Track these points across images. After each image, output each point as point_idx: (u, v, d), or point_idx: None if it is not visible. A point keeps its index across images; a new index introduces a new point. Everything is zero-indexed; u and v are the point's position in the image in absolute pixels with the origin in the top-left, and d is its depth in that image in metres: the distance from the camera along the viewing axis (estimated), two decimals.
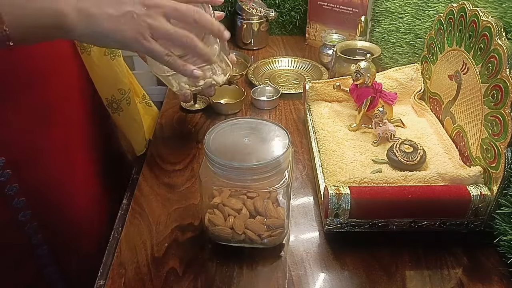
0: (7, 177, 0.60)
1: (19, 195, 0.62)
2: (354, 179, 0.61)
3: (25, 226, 0.64)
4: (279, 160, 0.53)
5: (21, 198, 0.62)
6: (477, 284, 0.56)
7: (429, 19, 0.87)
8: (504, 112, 0.56)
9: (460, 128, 0.69)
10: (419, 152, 0.66)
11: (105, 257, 0.61)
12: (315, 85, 0.86)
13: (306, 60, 1.13)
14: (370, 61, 0.76)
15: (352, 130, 0.78)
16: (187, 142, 0.83)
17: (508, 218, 0.56)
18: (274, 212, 0.57)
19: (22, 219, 0.63)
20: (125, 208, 0.69)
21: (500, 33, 0.57)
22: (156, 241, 0.62)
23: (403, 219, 0.60)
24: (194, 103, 0.95)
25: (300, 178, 0.74)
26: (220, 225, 0.58)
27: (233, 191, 0.58)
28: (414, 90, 0.85)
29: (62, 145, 0.67)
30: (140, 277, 0.56)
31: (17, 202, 0.62)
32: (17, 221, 0.63)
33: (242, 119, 0.61)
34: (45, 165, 0.64)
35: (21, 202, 0.62)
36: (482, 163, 0.62)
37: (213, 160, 0.53)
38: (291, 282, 0.56)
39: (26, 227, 0.64)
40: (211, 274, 0.57)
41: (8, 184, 0.60)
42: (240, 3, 1.19)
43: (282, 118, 0.91)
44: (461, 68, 0.68)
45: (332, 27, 1.18)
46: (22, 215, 0.63)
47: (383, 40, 1.05)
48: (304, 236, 0.63)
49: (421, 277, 0.57)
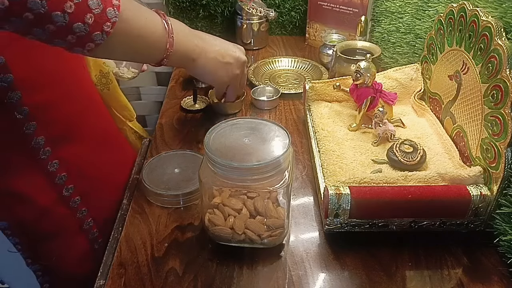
0: (48, 155, 0.65)
1: (60, 170, 0.67)
2: (354, 179, 0.61)
3: (70, 200, 0.70)
4: (279, 160, 0.53)
5: (63, 173, 0.67)
6: (477, 284, 0.56)
7: (429, 19, 0.87)
8: (504, 112, 0.56)
9: (460, 128, 0.69)
10: (419, 152, 0.66)
11: (105, 257, 0.61)
12: (315, 85, 0.86)
13: (306, 60, 1.13)
14: (370, 61, 0.76)
15: (352, 130, 0.78)
16: (187, 142, 0.83)
17: (508, 218, 0.56)
18: (274, 212, 0.57)
19: (66, 194, 0.69)
20: (125, 208, 0.69)
21: (500, 33, 0.57)
22: (156, 241, 0.62)
23: (403, 219, 0.60)
24: (194, 103, 0.95)
25: (300, 178, 0.74)
26: (220, 225, 0.58)
27: (233, 191, 0.58)
28: (414, 90, 0.85)
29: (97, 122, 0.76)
30: (140, 277, 0.56)
31: (60, 177, 0.67)
32: (62, 196, 0.68)
33: (242, 119, 0.61)
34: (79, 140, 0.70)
35: (63, 177, 0.67)
36: (482, 163, 0.62)
37: (213, 160, 0.53)
38: (291, 282, 0.56)
39: (70, 202, 0.70)
40: (211, 274, 0.57)
41: (49, 160, 0.65)
42: (240, 3, 1.19)
43: (282, 118, 0.91)
44: (461, 68, 0.68)
45: (332, 27, 1.18)
46: (66, 190, 0.68)
47: (383, 40, 1.05)
48: (304, 236, 0.63)
49: (421, 277, 0.57)
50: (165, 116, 0.92)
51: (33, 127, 0.62)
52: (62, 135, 0.67)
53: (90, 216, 0.73)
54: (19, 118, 0.60)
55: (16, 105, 0.59)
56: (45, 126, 0.63)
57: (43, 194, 0.66)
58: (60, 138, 0.66)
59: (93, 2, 0.48)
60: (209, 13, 1.27)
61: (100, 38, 0.50)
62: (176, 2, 1.25)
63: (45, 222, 0.68)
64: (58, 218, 0.69)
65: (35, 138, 0.62)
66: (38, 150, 0.63)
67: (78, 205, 0.71)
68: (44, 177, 0.66)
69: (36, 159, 0.64)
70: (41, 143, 0.63)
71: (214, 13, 1.27)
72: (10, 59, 0.56)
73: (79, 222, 0.72)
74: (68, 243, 0.73)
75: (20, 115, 0.60)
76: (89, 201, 0.73)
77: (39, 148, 0.63)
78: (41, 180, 0.66)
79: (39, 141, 0.63)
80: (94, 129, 0.75)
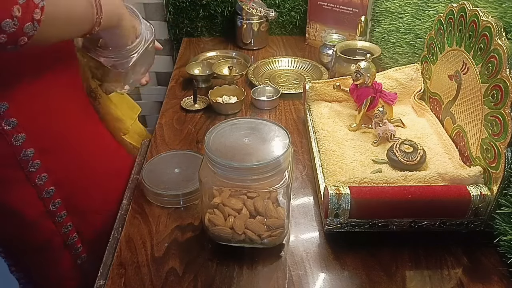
0: (37, 167, 0.63)
1: (48, 184, 0.65)
2: (354, 179, 0.61)
3: (56, 215, 0.68)
4: (279, 160, 0.53)
5: (51, 187, 0.65)
6: (477, 284, 0.56)
7: (429, 19, 0.87)
8: (504, 112, 0.56)
9: (460, 128, 0.69)
10: (419, 152, 0.66)
11: (105, 257, 0.61)
12: (315, 85, 0.86)
13: (306, 60, 1.13)
14: (370, 61, 0.76)
15: (352, 130, 0.78)
16: (187, 142, 0.83)
17: (508, 218, 0.56)
18: (274, 212, 0.57)
19: (52, 208, 0.67)
20: (125, 208, 0.69)
21: (500, 33, 0.57)
22: (156, 241, 0.62)
23: (403, 219, 0.60)
24: (194, 103, 0.95)
25: (300, 178, 0.74)
26: (220, 225, 0.58)
27: (233, 191, 0.58)
28: (414, 90, 0.85)
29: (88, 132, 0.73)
30: (140, 277, 0.56)
31: (47, 191, 0.65)
32: (49, 210, 0.67)
33: (242, 119, 0.61)
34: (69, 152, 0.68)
35: (50, 191, 0.65)
36: (482, 163, 0.62)
37: (213, 160, 0.53)
38: (291, 282, 0.56)
39: (56, 216, 0.68)
40: (211, 274, 0.57)
41: (38, 174, 0.63)
42: (240, 3, 1.19)
43: (282, 118, 0.91)
44: (461, 68, 0.68)
45: (332, 27, 1.18)
46: (52, 204, 0.66)
47: (383, 40, 1.05)
48: (304, 236, 0.63)
49: (421, 277, 0.57)
50: (165, 116, 0.92)
51: (22, 138, 0.60)
52: (52, 147, 0.65)
53: (75, 231, 0.72)
54: (7, 130, 0.58)
55: (3, 116, 0.57)
56: (35, 137, 0.61)
57: (30, 208, 0.65)
58: (50, 150, 0.64)
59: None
60: (209, 13, 1.27)
61: (32, 29, 0.47)
62: (176, 2, 1.25)
63: (30, 236, 0.67)
64: (43, 232, 0.68)
65: (24, 151, 0.60)
66: (27, 163, 0.61)
67: (64, 220, 0.69)
68: (32, 191, 0.64)
69: (24, 171, 0.62)
70: (30, 155, 0.61)
71: (214, 13, 1.27)
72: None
73: (64, 237, 0.71)
74: (51, 258, 0.71)
75: (8, 127, 0.58)
76: (76, 214, 0.71)
77: (27, 160, 0.61)
78: (28, 193, 0.64)
79: (28, 153, 0.61)
80: (84, 142, 0.72)
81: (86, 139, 0.72)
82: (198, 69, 1.06)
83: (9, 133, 0.58)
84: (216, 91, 0.94)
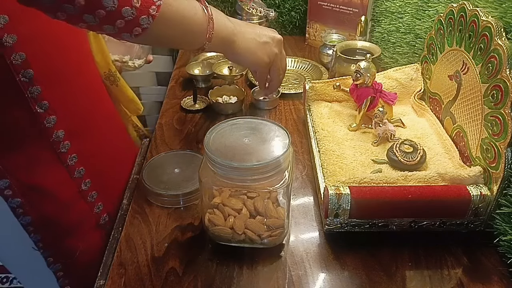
0: (67, 148, 0.66)
1: (78, 164, 0.68)
2: (354, 179, 0.61)
3: (88, 195, 0.71)
4: (279, 160, 0.53)
5: (81, 167, 0.69)
6: (477, 284, 0.56)
7: (429, 19, 0.87)
8: (504, 112, 0.56)
9: (460, 128, 0.69)
10: (419, 152, 0.66)
11: (105, 257, 0.61)
12: (315, 85, 0.86)
13: (306, 60, 1.13)
14: (370, 61, 0.76)
15: (352, 130, 0.78)
16: (187, 142, 0.83)
17: (508, 218, 0.56)
18: (274, 212, 0.57)
19: (84, 188, 0.70)
20: (125, 208, 0.69)
21: (500, 33, 0.57)
22: (156, 241, 0.62)
23: (403, 219, 0.60)
24: (194, 103, 0.95)
25: (300, 178, 0.74)
26: (220, 225, 0.58)
27: (233, 191, 0.58)
28: (414, 90, 0.85)
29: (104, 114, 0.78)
30: (140, 277, 0.56)
31: (78, 171, 0.69)
32: (81, 190, 0.70)
33: (242, 119, 0.61)
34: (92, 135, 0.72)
35: (81, 171, 0.69)
36: (482, 163, 0.62)
37: (213, 160, 0.53)
38: (291, 282, 0.56)
39: (88, 196, 0.71)
40: (211, 274, 0.57)
41: (69, 154, 0.67)
42: (240, 3, 1.19)
43: (282, 118, 0.91)
44: (461, 68, 0.68)
45: (332, 27, 1.18)
46: (84, 184, 0.70)
47: (383, 40, 1.05)
48: (304, 236, 0.63)
49: (421, 277, 0.57)
50: (165, 116, 0.92)
51: (53, 120, 0.63)
52: (79, 128, 0.68)
53: (105, 211, 0.75)
54: (40, 112, 0.61)
55: (36, 99, 0.60)
56: (64, 119, 0.64)
57: (64, 189, 0.68)
58: (77, 132, 0.68)
59: None
60: None
61: (147, 22, 0.51)
62: None
63: (66, 217, 0.69)
64: (77, 213, 0.70)
65: (55, 132, 0.63)
66: (58, 144, 0.64)
67: (95, 200, 0.72)
68: (64, 171, 0.67)
69: (56, 152, 0.65)
70: (61, 136, 0.64)
71: None
72: (31, 55, 0.58)
73: (96, 217, 0.73)
74: (86, 238, 0.73)
75: (41, 109, 0.61)
76: (104, 196, 0.74)
77: (59, 141, 0.64)
78: (62, 174, 0.67)
79: (59, 134, 0.64)
80: (104, 124, 0.77)
81: (104, 120, 0.77)
82: (198, 69, 1.06)
83: (42, 115, 0.61)
84: (216, 91, 0.94)
